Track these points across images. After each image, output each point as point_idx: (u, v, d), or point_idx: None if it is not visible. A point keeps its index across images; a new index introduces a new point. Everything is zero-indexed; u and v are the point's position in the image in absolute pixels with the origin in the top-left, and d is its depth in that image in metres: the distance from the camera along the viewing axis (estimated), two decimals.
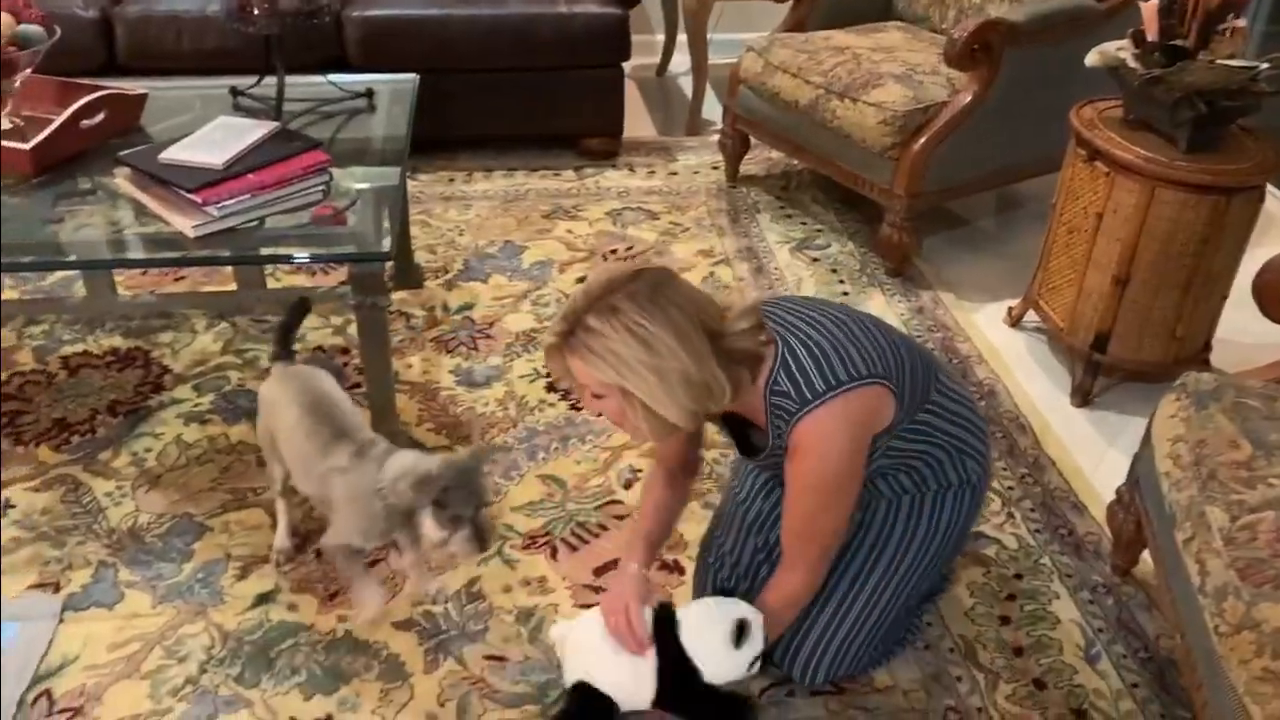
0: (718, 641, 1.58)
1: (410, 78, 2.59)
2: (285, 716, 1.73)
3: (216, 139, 2.07)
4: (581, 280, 2.91)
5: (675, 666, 1.59)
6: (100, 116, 2.18)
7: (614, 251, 3.06)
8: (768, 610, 1.68)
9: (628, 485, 2.22)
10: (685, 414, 1.48)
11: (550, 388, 2.49)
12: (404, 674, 1.80)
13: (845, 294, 2.89)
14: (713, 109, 3.87)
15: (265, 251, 2.08)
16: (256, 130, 2.11)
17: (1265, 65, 2.14)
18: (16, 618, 1.87)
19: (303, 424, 1.80)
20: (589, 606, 1.92)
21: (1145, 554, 1.95)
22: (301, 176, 2.03)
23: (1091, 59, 2.35)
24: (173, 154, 2.02)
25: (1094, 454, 2.35)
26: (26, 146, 2.07)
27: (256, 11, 2.31)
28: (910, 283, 2.95)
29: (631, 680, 1.61)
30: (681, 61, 4.17)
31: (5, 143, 2.08)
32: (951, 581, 1.97)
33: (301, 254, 2.01)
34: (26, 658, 1.80)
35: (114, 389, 2.46)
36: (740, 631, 1.57)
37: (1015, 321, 2.78)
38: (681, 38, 3.95)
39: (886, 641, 1.82)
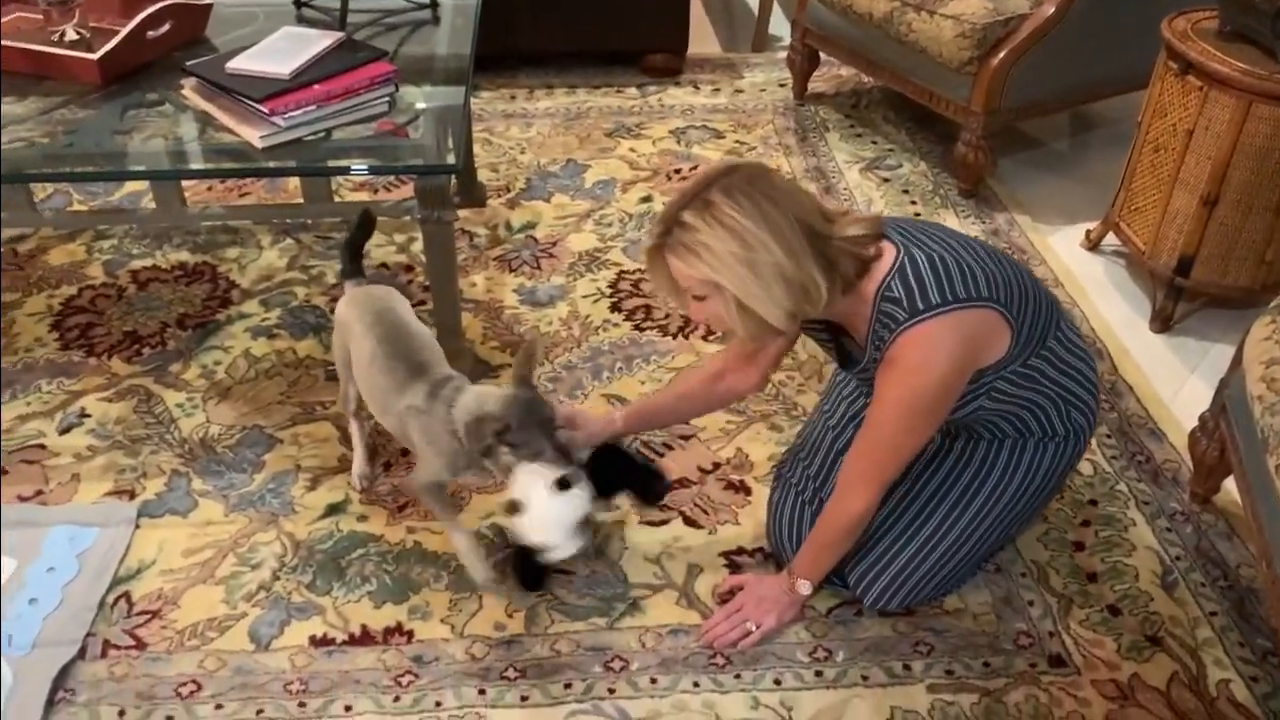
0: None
1: None
2: (356, 624, 1.76)
3: (282, 49, 2.04)
4: (645, 200, 2.86)
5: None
6: (166, 27, 2.16)
7: (678, 171, 3.00)
8: (827, 536, 1.67)
9: None
10: (781, 313, 1.44)
11: (614, 308, 2.47)
12: (473, 585, 1.80)
13: (918, 214, 2.81)
14: (780, 24, 3.76)
15: (334, 164, 2.05)
16: (322, 40, 2.07)
17: None
18: (96, 523, 1.91)
19: (378, 358, 1.76)
20: (653, 525, 1.93)
21: (1226, 482, 1.90)
22: (368, 87, 2.00)
23: None
24: (239, 64, 1.99)
25: (1173, 381, 2.28)
26: (94, 57, 2.06)
27: None
28: (984, 204, 2.86)
29: None
30: None
31: (72, 53, 2.08)
32: (1033, 520, 1.92)
33: (368, 166, 1.98)
34: (105, 561, 1.84)
35: (182, 303, 2.48)
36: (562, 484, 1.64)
37: (1094, 245, 2.69)
38: None
39: (965, 576, 1.80)
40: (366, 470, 2.00)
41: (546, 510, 1.65)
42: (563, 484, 1.65)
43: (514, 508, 1.66)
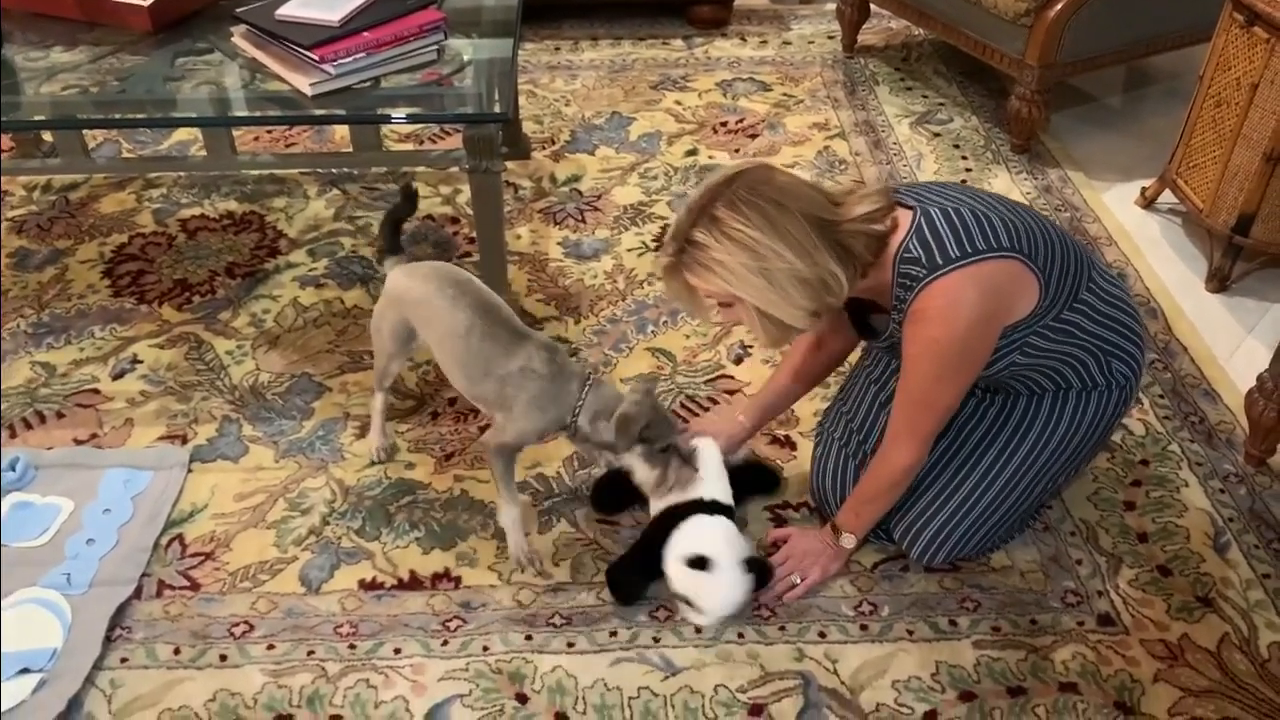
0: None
1: None
2: (405, 569, 1.78)
3: None
4: (690, 153, 2.84)
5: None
6: None
7: (724, 124, 2.97)
8: (872, 489, 1.67)
9: (738, 360, 2.19)
10: (802, 314, 1.45)
11: None
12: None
13: (969, 170, 2.77)
14: None
15: (384, 112, 2.05)
16: None
17: None
18: (150, 466, 1.94)
19: (478, 326, 1.71)
20: None
21: None
22: (417, 35, 1.99)
23: None
24: (289, 11, 1.99)
25: (1229, 341, 2.24)
26: (145, 4, 2.06)
27: None
28: (1037, 160, 2.81)
29: None
30: None
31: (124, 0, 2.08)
32: (1079, 473, 1.91)
33: (419, 114, 1.97)
34: (159, 504, 1.87)
35: (231, 251, 2.50)
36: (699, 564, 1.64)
37: (1149, 202, 2.63)
38: None
39: (1011, 530, 1.79)
40: (385, 443, 1.98)
41: (733, 586, 1.66)
42: (752, 565, 1.67)
43: (699, 563, 1.63)
